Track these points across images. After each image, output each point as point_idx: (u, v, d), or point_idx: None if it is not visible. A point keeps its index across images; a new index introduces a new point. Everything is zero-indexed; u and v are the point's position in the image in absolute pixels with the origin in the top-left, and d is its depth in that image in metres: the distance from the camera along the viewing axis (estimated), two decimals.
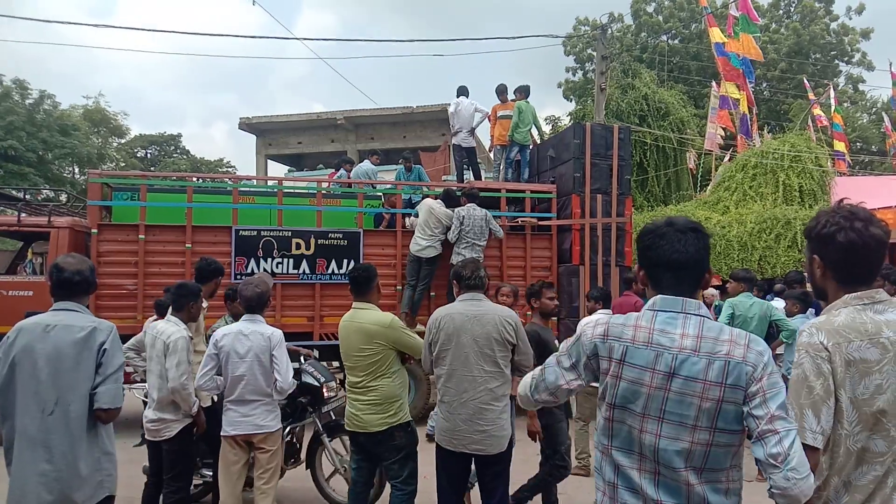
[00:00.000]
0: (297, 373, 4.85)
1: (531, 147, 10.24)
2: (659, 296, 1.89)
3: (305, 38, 41.31)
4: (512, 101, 10.28)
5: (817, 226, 1.99)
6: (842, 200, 2.05)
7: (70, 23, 32.36)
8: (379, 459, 4.01)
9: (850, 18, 28.91)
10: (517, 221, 8.99)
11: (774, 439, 1.65)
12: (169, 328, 4.16)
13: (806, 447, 1.74)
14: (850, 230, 1.90)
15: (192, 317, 4.36)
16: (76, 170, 28.63)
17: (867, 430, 1.85)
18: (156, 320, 4.68)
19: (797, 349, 1.93)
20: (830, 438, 1.86)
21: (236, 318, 4.65)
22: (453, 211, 8.09)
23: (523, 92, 10.23)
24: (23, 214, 7.68)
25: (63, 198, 19.94)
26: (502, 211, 8.91)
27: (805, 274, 7.53)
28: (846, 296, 1.94)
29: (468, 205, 8.14)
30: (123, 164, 32.30)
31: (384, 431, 3.85)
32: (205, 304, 4.76)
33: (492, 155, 10.84)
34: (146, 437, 4.32)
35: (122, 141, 35.87)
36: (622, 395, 1.83)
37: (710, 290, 9.75)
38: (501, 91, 10.50)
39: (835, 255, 1.95)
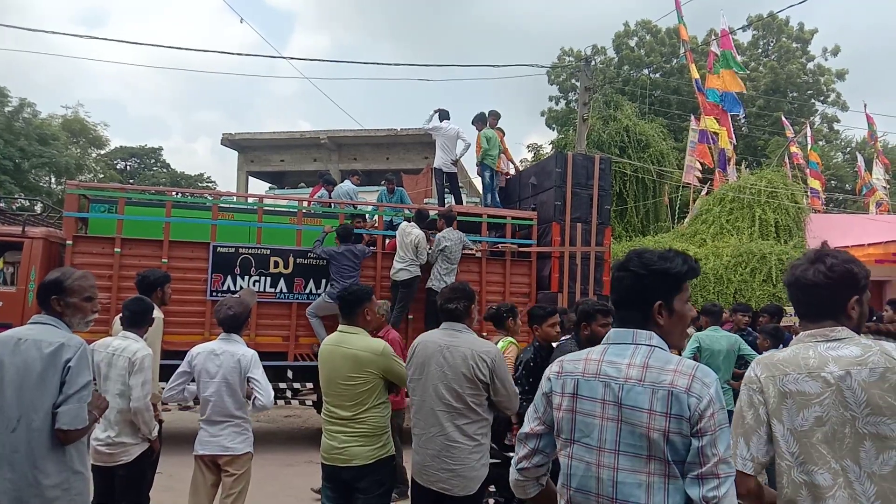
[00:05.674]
0: None
1: (508, 175, 10.54)
2: (612, 329, 1.94)
3: (292, 58, 41.48)
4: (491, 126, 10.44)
5: None
6: (825, 242, 2.18)
7: (56, 32, 31.99)
8: (356, 496, 3.60)
9: (826, 59, 29.79)
10: (497, 247, 9.03)
11: (713, 483, 1.66)
12: (131, 345, 3.88)
13: (739, 473, 1.88)
14: (794, 268, 2.08)
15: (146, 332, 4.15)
16: (53, 179, 28.23)
17: (810, 462, 1.89)
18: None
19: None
20: (776, 470, 1.97)
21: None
22: (424, 231, 8.10)
23: (495, 117, 10.54)
24: None
25: (38, 208, 19.60)
26: (483, 236, 8.94)
27: (783, 308, 7.64)
28: (802, 332, 2.05)
29: (447, 229, 8.15)
30: (102, 176, 31.91)
31: (370, 465, 3.53)
32: (158, 314, 4.51)
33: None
34: (94, 461, 3.81)
35: (102, 152, 35.47)
36: (579, 428, 1.85)
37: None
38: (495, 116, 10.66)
39: (789, 293, 2.13)
